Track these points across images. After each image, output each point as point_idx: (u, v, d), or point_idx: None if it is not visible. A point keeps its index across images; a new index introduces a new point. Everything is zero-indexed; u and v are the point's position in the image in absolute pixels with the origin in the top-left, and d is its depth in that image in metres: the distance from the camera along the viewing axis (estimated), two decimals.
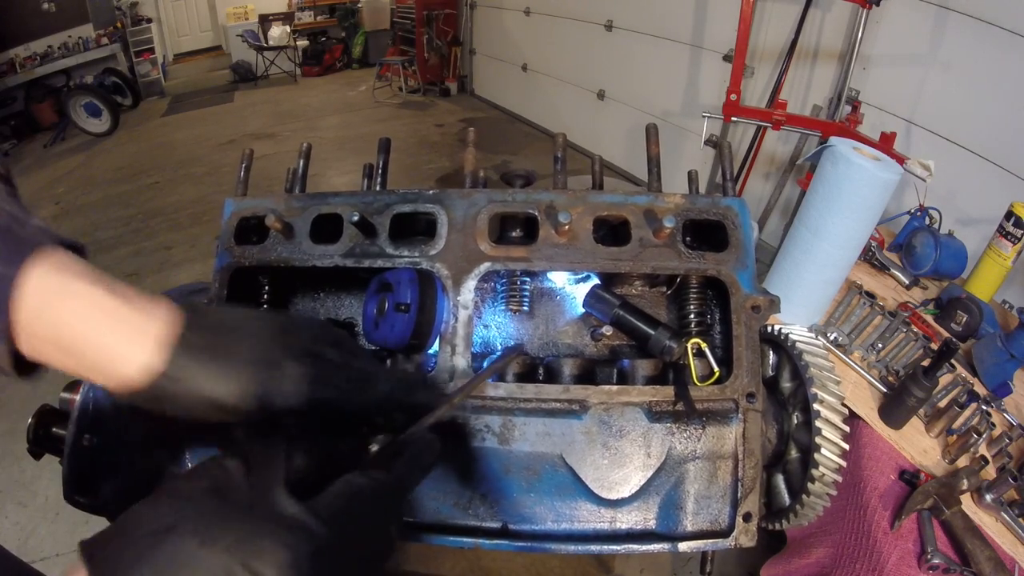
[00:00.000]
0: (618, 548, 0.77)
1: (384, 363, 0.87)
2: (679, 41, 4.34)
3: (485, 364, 0.83)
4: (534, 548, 0.78)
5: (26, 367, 0.40)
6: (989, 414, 1.38)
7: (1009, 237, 1.77)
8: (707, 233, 0.88)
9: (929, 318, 1.77)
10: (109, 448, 0.85)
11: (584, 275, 0.89)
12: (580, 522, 0.79)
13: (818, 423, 0.74)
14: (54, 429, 0.96)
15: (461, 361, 0.80)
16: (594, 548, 0.78)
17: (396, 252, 0.84)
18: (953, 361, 1.49)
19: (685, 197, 0.84)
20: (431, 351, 0.84)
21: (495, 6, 7.01)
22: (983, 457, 1.33)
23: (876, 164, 1.41)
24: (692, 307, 0.86)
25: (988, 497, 1.25)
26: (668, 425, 0.78)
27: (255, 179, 1.01)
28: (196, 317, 0.43)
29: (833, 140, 1.48)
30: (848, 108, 3.06)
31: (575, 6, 5.46)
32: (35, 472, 2.55)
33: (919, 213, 2.11)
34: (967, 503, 1.24)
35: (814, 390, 0.76)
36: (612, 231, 0.89)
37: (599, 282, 0.89)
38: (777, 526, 0.84)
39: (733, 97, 2.92)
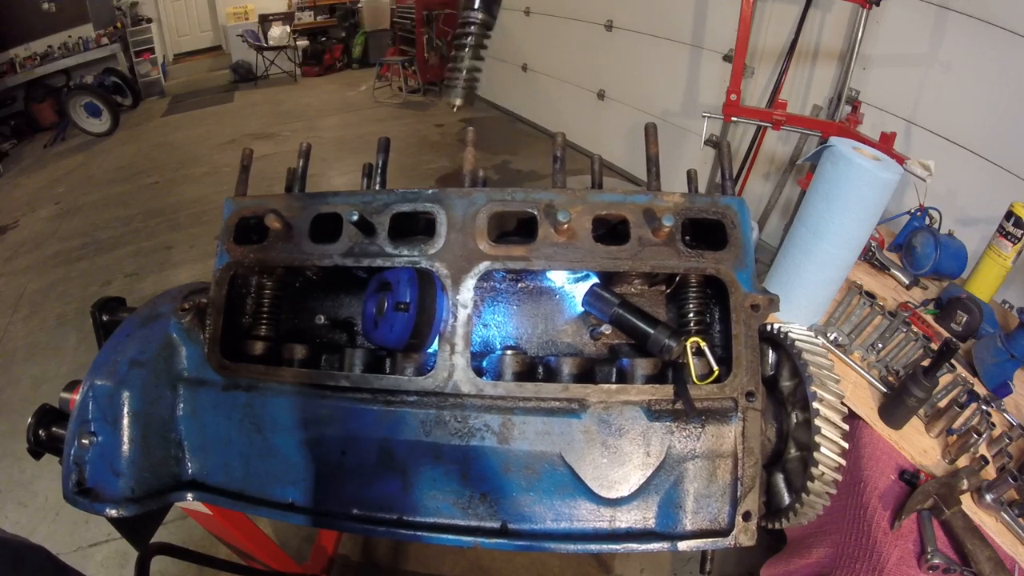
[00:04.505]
0: (617, 547, 0.77)
1: (383, 362, 0.87)
2: (679, 41, 4.34)
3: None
4: (533, 547, 0.78)
5: None
6: (989, 414, 1.38)
7: (1009, 237, 1.77)
8: (706, 232, 0.88)
9: (929, 318, 1.76)
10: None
11: (583, 274, 0.89)
12: (579, 521, 0.79)
13: (817, 421, 0.74)
14: (54, 429, 0.96)
15: (460, 360, 0.80)
16: (593, 547, 0.78)
17: (395, 251, 0.85)
18: (953, 361, 1.49)
19: (684, 196, 0.84)
20: (431, 350, 0.84)
21: None
22: (983, 457, 1.32)
23: (876, 164, 1.41)
24: (691, 306, 0.86)
25: (988, 497, 1.25)
26: (667, 424, 0.78)
27: (255, 179, 1.01)
28: None
29: (833, 140, 1.48)
30: (848, 108, 3.05)
31: (575, 6, 5.45)
32: (35, 472, 2.55)
33: (919, 213, 2.11)
34: (967, 503, 1.24)
35: (813, 388, 0.76)
36: (611, 230, 0.89)
37: (598, 281, 0.89)
38: (777, 525, 0.84)
39: (733, 97, 2.92)
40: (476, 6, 0.76)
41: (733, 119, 2.97)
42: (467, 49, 0.80)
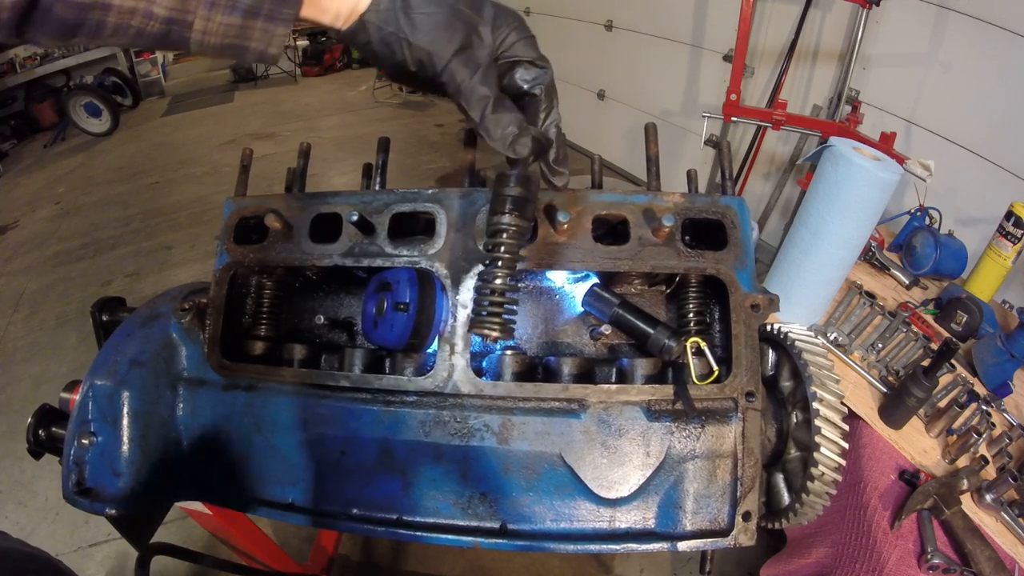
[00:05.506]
0: (617, 547, 0.77)
1: (383, 362, 0.87)
2: (679, 41, 4.34)
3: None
4: (533, 547, 0.78)
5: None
6: (989, 414, 1.38)
7: (1009, 237, 1.77)
8: (706, 232, 0.88)
9: (929, 318, 1.77)
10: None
11: (583, 274, 0.89)
12: (579, 521, 0.79)
13: (818, 422, 0.74)
14: (54, 429, 0.96)
15: (460, 360, 0.80)
16: (593, 547, 0.78)
17: (395, 251, 0.85)
18: (953, 361, 1.49)
19: (684, 196, 0.84)
20: (430, 350, 0.84)
21: None
22: (983, 457, 1.32)
23: (876, 164, 1.41)
24: (691, 306, 0.86)
25: (988, 497, 1.25)
26: (667, 424, 0.78)
27: (255, 179, 1.01)
28: None
29: (833, 140, 1.48)
30: (848, 108, 3.05)
31: (575, 6, 5.45)
32: (35, 472, 2.55)
33: (919, 213, 2.11)
34: (967, 503, 1.24)
35: (813, 389, 0.76)
36: (611, 230, 0.89)
37: (598, 281, 0.89)
38: (777, 525, 0.84)
39: (733, 97, 2.92)
40: (507, 209, 0.61)
41: (733, 119, 2.97)
42: (500, 267, 0.62)
